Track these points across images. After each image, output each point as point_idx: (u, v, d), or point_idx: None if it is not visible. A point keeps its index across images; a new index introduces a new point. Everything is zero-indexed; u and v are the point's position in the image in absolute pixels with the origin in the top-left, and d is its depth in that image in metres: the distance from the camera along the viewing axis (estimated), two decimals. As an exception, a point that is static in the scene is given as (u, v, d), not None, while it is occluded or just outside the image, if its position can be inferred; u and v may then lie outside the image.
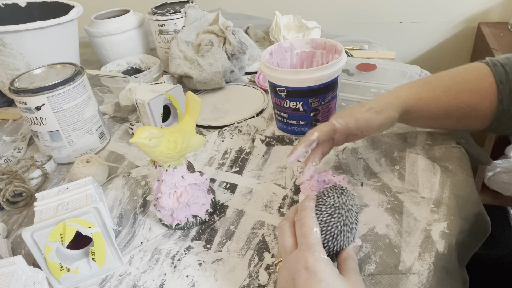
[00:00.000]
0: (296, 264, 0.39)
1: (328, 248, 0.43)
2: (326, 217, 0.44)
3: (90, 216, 0.48)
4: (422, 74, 0.81)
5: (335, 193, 0.46)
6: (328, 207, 0.44)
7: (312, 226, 0.42)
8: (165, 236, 0.56)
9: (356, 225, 0.45)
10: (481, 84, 0.56)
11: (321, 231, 0.43)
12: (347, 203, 0.44)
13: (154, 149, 0.50)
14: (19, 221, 0.63)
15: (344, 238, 0.43)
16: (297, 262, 0.39)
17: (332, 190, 0.46)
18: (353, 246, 0.45)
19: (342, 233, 0.43)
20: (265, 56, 0.72)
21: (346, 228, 0.43)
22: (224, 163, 0.69)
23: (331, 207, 0.44)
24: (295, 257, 0.40)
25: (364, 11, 1.56)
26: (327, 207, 0.44)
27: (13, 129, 0.89)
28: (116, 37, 1.01)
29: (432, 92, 0.56)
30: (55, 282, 0.50)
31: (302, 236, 0.41)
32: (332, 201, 0.45)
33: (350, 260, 0.42)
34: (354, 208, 0.45)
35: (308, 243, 0.40)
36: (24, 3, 0.96)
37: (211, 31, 0.97)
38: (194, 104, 0.56)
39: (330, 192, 0.46)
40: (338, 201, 0.44)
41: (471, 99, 0.56)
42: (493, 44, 1.28)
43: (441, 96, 0.56)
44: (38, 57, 0.83)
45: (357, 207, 0.46)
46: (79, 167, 0.65)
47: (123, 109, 0.91)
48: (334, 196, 0.45)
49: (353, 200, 0.45)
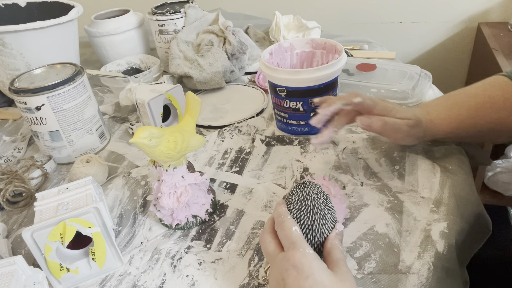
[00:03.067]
0: (284, 264, 0.39)
1: (310, 242, 0.43)
2: (296, 213, 0.45)
3: (90, 216, 0.48)
4: (422, 74, 0.81)
5: (298, 189, 0.46)
6: (294, 203, 0.45)
7: (290, 226, 0.42)
8: (165, 236, 0.56)
9: (329, 211, 0.45)
10: (507, 100, 0.56)
11: None
12: (310, 193, 0.45)
13: (154, 149, 0.50)
14: (19, 221, 0.63)
15: (320, 226, 0.44)
16: (285, 262, 0.39)
17: (295, 187, 0.47)
18: (335, 233, 0.45)
19: (315, 222, 0.44)
20: (265, 56, 0.73)
21: (318, 216, 0.44)
22: (224, 163, 0.69)
23: (297, 202, 0.45)
24: (282, 258, 0.40)
25: (364, 11, 1.56)
26: (294, 203, 0.45)
27: (13, 129, 0.89)
28: (116, 37, 1.01)
29: (460, 114, 0.58)
30: (55, 282, 0.50)
31: (285, 238, 0.42)
32: (297, 196, 0.46)
33: (335, 251, 0.42)
34: (320, 195, 0.45)
35: (291, 242, 0.41)
36: (24, 3, 0.96)
37: (211, 31, 0.97)
38: (194, 104, 0.56)
39: (294, 190, 0.47)
40: (301, 195, 0.45)
41: (499, 115, 0.57)
42: (493, 44, 1.28)
43: (470, 117, 0.57)
44: (38, 57, 0.83)
45: (324, 194, 0.46)
46: (79, 167, 0.65)
47: (123, 109, 0.91)
48: (298, 191, 0.46)
49: (317, 189, 0.46)
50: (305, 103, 0.68)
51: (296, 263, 0.38)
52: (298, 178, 0.63)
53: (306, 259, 0.38)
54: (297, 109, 0.69)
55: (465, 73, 1.59)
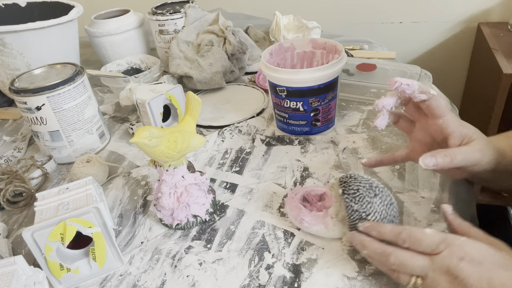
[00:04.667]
0: (449, 263, 0.38)
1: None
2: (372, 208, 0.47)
3: (90, 216, 0.48)
4: (422, 74, 0.81)
5: (352, 196, 0.48)
6: (365, 203, 0.47)
7: (420, 232, 0.41)
8: (165, 236, 0.56)
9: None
10: None
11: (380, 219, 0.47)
12: (361, 188, 0.48)
13: (155, 149, 0.50)
14: (20, 221, 0.63)
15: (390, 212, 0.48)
16: (448, 261, 0.38)
17: (351, 195, 0.48)
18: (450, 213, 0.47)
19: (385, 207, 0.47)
20: (265, 56, 0.73)
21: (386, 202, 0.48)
22: (224, 163, 0.69)
23: (367, 203, 0.47)
24: (442, 260, 0.39)
25: (364, 11, 1.56)
26: (367, 203, 0.47)
27: (13, 129, 0.89)
28: (116, 37, 1.01)
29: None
30: (55, 282, 0.50)
31: (428, 244, 0.40)
32: (366, 199, 0.47)
33: (470, 227, 0.44)
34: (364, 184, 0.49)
35: (438, 243, 0.40)
36: (24, 3, 0.96)
37: (211, 31, 0.97)
38: (194, 104, 0.56)
39: (355, 197, 0.48)
40: (363, 194, 0.48)
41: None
42: (493, 44, 1.28)
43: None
44: (38, 57, 0.83)
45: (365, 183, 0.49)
46: (79, 167, 0.65)
47: (123, 109, 0.91)
48: (357, 196, 0.48)
49: (359, 182, 0.49)
50: (305, 103, 0.68)
51: (462, 256, 0.38)
52: (298, 178, 0.63)
53: (468, 246, 0.38)
54: (297, 109, 0.69)
55: (465, 73, 1.59)
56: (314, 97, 0.67)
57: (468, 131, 0.47)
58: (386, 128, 0.72)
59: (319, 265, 0.49)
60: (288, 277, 0.48)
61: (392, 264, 0.41)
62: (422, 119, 0.52)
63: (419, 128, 0.53)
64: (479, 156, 0.46)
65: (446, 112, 0.48)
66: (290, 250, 0.51)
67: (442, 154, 0.45)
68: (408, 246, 0.41)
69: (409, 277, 0.41)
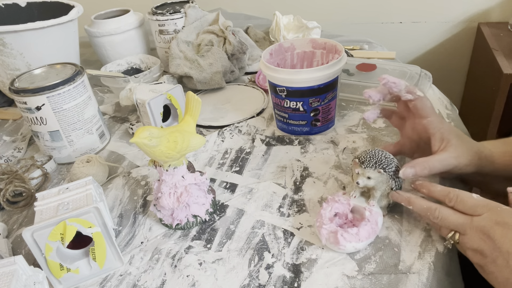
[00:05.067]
0: (487, 224, 0.42)
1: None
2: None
3: (90, 216, 0.48)
4: (422, 74, 0.81)
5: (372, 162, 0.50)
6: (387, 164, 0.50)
7: (469, 195, 0.45)
8: (165, 236, 0.56)
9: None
10: None
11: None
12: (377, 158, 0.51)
13: (155, 149, 0.50)
14: (20, 221, 0.63)
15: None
16: (487, 222, 0.42)
17: (372, 159, 0.50)
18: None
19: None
20: (265, 56, 0.73)
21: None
22: (224, 163, 0.69)
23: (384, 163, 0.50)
24: (481, 221, 0.42)
25: (364, 11, 1.56)
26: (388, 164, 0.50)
27: (13, 129, 0.89)
28: (116, 37, 1.01)
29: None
30: (55, 282, 0.50)
31: (473, 207, 0.44)
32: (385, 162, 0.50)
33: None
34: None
35: (482, 206, 0.43)
36: (24, 3, 0.96)
37: (211, 31, 0.97)
38: (194, 104, 0.56)
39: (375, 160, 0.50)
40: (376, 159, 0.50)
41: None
42: (493, 44, 1.28)
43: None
44: (38, 57, 0.83)
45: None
46: (79, 167, 0.65)
47: (123, 109, 0.91)
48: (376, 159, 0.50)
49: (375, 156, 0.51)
50: (305, 103, 0.68)
51: (499, 220, 0.41)
52: (298, 178, 0.63)
53: (504, 213, 0.41)
54: (297, 109, 0.69)
55: (465, 73, 1.59)
56: (314, 97, 0.67)
57: (448, 135, 0.50)
58: (386, 128, 0.72)
59: (319, 264, 0.49)
60: (288, 277, 0.48)
61: (436, 218, 0.46)
62: (411, 117, 0.55)
63: (408, 125, 0.56)
64: (454, 162, 0.49)
65: (430, 114, 0.52)
66: (290, 250, 0.51)
67: (421, 166, 0.49)
68: (453, 205, 0.45)
69: (449, 231, 0.46)
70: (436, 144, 0.51)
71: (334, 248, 0.50)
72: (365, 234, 0.49)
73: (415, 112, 0.53)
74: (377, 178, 0.50)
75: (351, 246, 0.48)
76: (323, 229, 0.50)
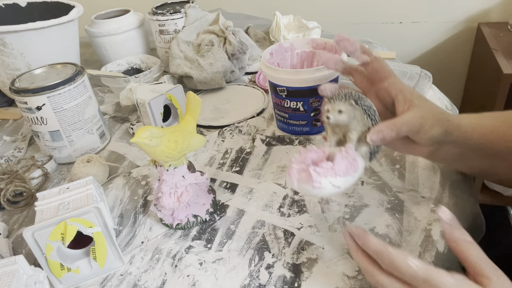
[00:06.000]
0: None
1: None
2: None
3: (91, 215, 0.48)
4: (422, 74, 0.81)
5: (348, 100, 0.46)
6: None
7: (404, 261, 0.37)
8: (165, 235, 0.56)
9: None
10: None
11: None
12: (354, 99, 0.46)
13: (155, 149, 0.50)
14: (20, 220, 0.63)
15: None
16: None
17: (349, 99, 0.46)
18: (447, 225, 0.39)
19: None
20: (266, 56, 0.73)
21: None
22: (225, 163, 0.69)
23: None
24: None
25: (364, 11, 1.56)
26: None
27: (14, 129, 0.89)
28: (116, 37, 1.01)
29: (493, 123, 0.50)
30: (56, 281, 0.50)
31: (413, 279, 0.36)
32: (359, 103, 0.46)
33: (469, 252, 0.37)
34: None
35: (421, 281, 0.36)
36: (25, 3, 0.96)
37: (211, 31, 0.97)
38: (194, 104, 0.56)
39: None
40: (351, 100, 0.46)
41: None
42: (493, 44, 1.28)
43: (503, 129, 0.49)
44: (39, 57, 0.83)
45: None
46: (80, 167, 0.66)
47: (123, 109, 0.91)
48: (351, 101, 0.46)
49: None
50: (305, 103, 0.68)
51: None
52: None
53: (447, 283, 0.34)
54: (298, 109, 0.69)
55: (465, 73, 1.59)
56: (314, 97, 0.67)
57: (410, 96, 0.47)
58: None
59: (319, 264, 0.49)
60: (288, 276, 0.48)
61: (374, 284, 0.40)
62: (371, 88, 0.52)
63: (370, 97, 0.51)
64: (420, 121, 0.45)
65: (390, 74, 0.48)
66: (290, 249, 0.51)
67: (388, 129, 0.44)
68: (386, 269, 0.38)
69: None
70: (399, 106, 0.47)
71: (309, 191, 0.42)
72: (342, 168, 0.42)
73: (373, 77, 0.50)
74: (350, 113, 0.45)
75: (328, 183, 0.41)
76: (292, 169, 0.43)
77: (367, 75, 0.51)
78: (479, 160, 0.51)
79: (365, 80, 0.52)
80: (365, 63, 0.50)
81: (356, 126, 0.46)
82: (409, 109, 0.46)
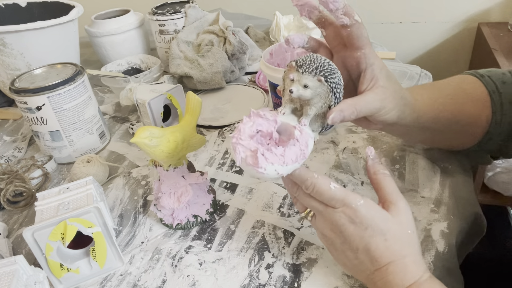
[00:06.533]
0: (339, 219, 0.41)
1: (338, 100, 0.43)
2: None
3: (90, 215, 0.48)
4: (422, 74, 0.81)
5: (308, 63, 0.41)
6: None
7: (327, 185, 0.41)
8: (165, 235, 0.56)
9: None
10: (479, 95, 0.54)
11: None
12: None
13: (155, 149, 0.50)
14: (20, 220, 0.63)
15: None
16: (340, 218, 0.41)
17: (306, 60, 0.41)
18: (371, 160, 0.45)
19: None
20: (266, 56, 0.73)
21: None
22: (225, 163, 0.69)
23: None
24: (335, 214, 0.41)
25: (364, 11, 1.56)
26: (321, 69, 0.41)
27: (14, 129, 0.89)
28: (116, 37, 1.01)
29: (438, 98, 0.53)
30: (56, 281, 0.50)
31: (328, 199, 0.42)
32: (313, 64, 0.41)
33: (384, 182, 0.43)
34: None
35: (337, 200, 0.41)
36: (25, 3, 0.96)
37: (211, 31, 0.97)
38: (194, 104, 0.56)
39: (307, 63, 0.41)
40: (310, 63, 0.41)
41: (473, 109, 0.53)
42: (493, 44, 1.28)
43: (447, 103, 0.53)
44: (39, 57, 0.83)
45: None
46: (80, 167, 0.66)
47: (123, 109, 0.91)
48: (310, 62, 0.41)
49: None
50: (305, 103, 0.68)
51: (353, 218, 0.40)
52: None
53: (361, 212, 0.40)
54: (298, 109, 0.69)
55: (465, 73, 1.59)
56: (314, 97, 0.67)
57: (378, 73, 0.45)
58: (386, 128, 0.72)
59: (319, 264, 0.49)
60: (288, 276, 0.48)
61: (293, 195, 0.45)
62: (341, 51, 0.48)
63: (336, 60, 0.49)
64: (379, 105, 0.45)
65: (366, 45, 0.46)
66: (290, 249, 0.51)
67: (350, 111, 0.43)
68: (310, 193, 0.43)
69: (304, 208, 0.45)
70: (364, 82, 0.46)
71: (251, 172, 0.40)
72: (292, 157, 0.40)
73: (348, 42, 0.46)
74: (316, 89, 0.41)
75: (272, 170, 0.40)
76: (239, 146, 0.41)
77: (341, 36, 0.47)
78: (422, 133, 0.55)
79: (337, 39, 0.48)
80: (344, 25, 0.45)
81: (317, 102, 0.42)
82: (372, 89, 0.45)
